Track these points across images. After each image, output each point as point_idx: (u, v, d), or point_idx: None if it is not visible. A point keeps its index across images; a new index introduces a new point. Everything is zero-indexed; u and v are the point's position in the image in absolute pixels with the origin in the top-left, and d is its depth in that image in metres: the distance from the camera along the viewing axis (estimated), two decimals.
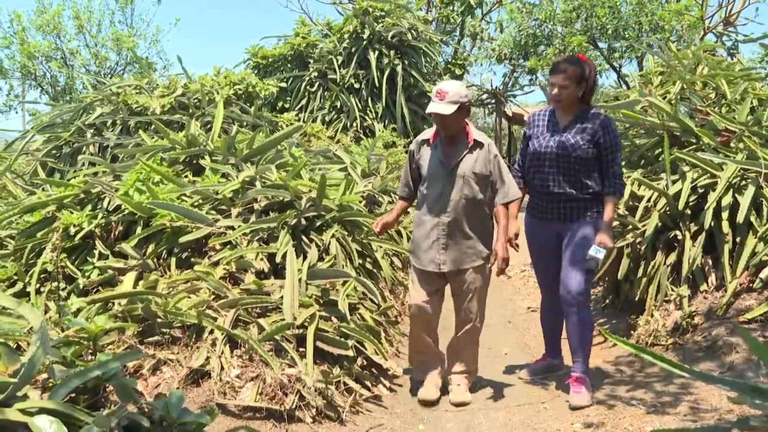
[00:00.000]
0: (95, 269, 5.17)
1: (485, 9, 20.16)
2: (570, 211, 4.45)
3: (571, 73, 4.29)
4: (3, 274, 5.15)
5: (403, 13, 13.91)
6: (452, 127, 4.39)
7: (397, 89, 12.90)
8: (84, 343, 3.29)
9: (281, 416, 3.80)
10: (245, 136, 7.48)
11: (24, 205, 5.97)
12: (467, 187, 4.39)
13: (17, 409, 2.26)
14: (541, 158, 4.48)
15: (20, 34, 22.11)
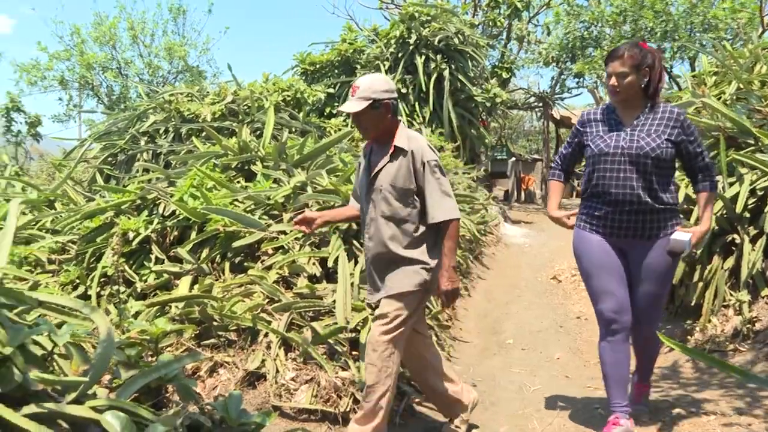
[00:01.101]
0: (152, 273, 5.30)
1: (532, 12, 20.07)
2: (643, 225, 3.65)
3: (630, 59, 3.58)
4: (66, 278, 5.32)
5: (450, 18, 13.93)
6: (368, 128, 3.62)
7: (444, 94, 12.93)
8: (145, 344, 3.39)
9: (336, 419, 3.87)
10: (295, 142, 7.57)
11: (84, 211, 6.15)
12: (384, 203, 3.58)
13: (89, 407, 2.36)
14: (609, 160, 3.69)
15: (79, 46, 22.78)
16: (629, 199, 3.64)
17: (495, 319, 6.71)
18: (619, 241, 3.75)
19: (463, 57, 13.70)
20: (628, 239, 3.72)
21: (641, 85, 3.65)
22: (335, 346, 4.30)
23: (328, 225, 4.49)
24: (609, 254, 3.77)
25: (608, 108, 3.85)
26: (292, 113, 10.69)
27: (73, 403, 2.35)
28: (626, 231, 3.70)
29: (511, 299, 7.62)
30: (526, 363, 5.38)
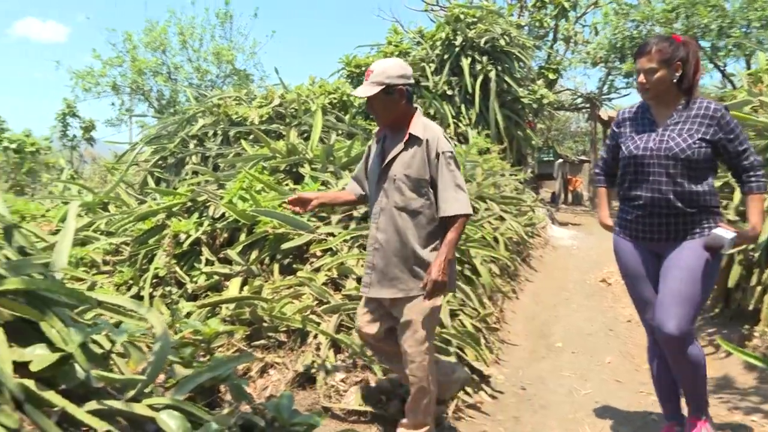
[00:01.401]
0: (202, 274, 5.38)
1: (579, 12, 19.87)
2: (675, 228, 3.42)
3: (658, 53, 3.33)
4: (120, 279, 5.44)
5: (496, 19, 13.87)
6: (381, 114, 3.50)
7: (491, 95, 12.86)
8: (198, 345, 3.44)
9: (385, 420, 3.87)
10: (342, 144, 7.62)
11: (137, 213, 6.27)
12: (397, 193, 3.43)
13: (146, 405, 2.41)
14: (638, 163, 3.47)
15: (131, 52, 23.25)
16: (659, 203, 3.42)
17: (543, 322, 6.65)
18: (651, 245, 3.54)
19: (510, 58, 13.61)
20: (660, 243, 3.49)
21: (673, 80, 3.38)
22: None
23: (324, 207, 4.39)
24: (642, 262, 3.59)
25: (643, 106, 3.61)
26: (338, 116, 10.74)
27: (131, 401, 2.41)
28: (658, 235, 3.47)
29: (560, 302, 7.54)
30: (576, 367, 5.32)
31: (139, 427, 2.46)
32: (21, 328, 2.40)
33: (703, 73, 3.88)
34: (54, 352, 2.33)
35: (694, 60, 3.41)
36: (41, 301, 2.49)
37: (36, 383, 2.25)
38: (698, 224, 3.39)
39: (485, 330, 5.44)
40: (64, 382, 2.33)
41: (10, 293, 2.39)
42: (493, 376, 4.80)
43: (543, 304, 7.42)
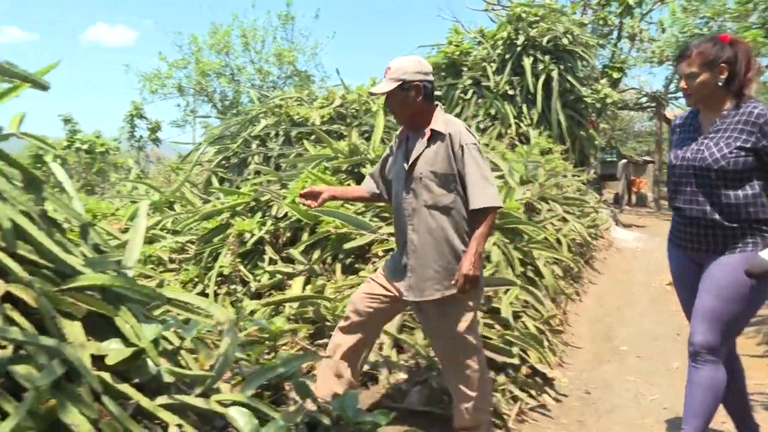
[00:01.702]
0: (265, 273, 5.45)
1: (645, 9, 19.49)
2: (714, 240, 3.23)
3: (699, 56, 3.13)
4: (186, 276, 5.54)
5: (558, 17, 13.70)
6: (399, 111, 3.44)
7: (553, 95, 12.72)
8: (264, 342, 3.49)
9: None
10: None
11: (202, 212, 6.38)
12: (426, 191, 3.34)
13: (215, 401, 2.46)
14: (676, 173, 3.35)
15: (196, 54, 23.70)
16: (696, 215, 3.26)
17: (608, 325, 6.56)
18: (693, 255, 3.39)
19: (572, 57, 13.44)
20: (700, 253, 3.32)
21: (718, 83, 3.14)
22: None
23: (335, 200, 4.26)
24: (685, 270, 3.49)
25: (693, 112, 3.41)
26: None
27: (201, 396, 2.45)
28: (698, 245, 3.30)
29: (624, 304, 7.42)
30: (642, 371, 5.23)
31: (208, 422, 2.51)
32: (97, 323, 2.47)
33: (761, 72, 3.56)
34: (127, 346, 2.39)
35: (745, 60, 3.15)
36: (115, 297, 2.55)
37: (112, 376, 2.31)
38: (740, 238, 3.17)
39: (548, 332, 5.39)
40: (138, 376, 2.39)
41: (87, 289, 2.46)
42: (557, 379, 4.75)
43: (607, 306, 7.31)
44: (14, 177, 2.63)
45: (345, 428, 2.71)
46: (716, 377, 3.22)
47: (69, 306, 2.38)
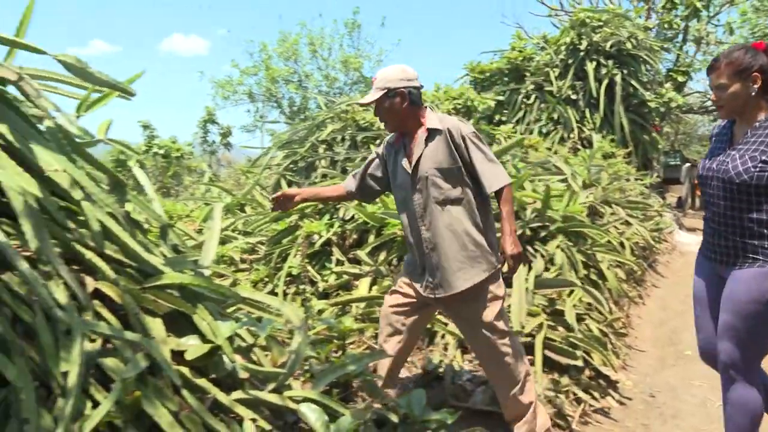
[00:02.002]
0: (333, 274, 5.49)
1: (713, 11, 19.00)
2: (735, 252, 3.04)
3: (728, 66, 2.91)
4: (256, 276, 5.62)
5: (622, 22, 13.49)
6: (388, 118, 3.40)
7: (616, 99, 12.52)
8: (333, 341, 3.52)
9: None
10: None
11: (272, 215, 6.46)
12: (434, 188, 3.33)
13: (287, 397, 2.49)
14: (704, 184, 3.18)
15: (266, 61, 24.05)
16: (719, 228, 3.08)
17: (671, 329, 6.41)
18: (717, 267, 3.19)
19: (636, 61, 13.20)
20: (721, 266, 3.13)
21: (751, 93, 2.90)
22: None
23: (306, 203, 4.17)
24: (705, 284, 3.30)
25: (730, 122, 3.17)
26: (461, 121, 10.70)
27: (273, 392, 2.49)
28: (721, 257, 3.12)
29: (688, 309, 7.15)
30: (708, 377, 5.04)
31: (280, 416, 2.54)
32: (176, 320, 2.52)
33: None
34: (205, 343, 2.44)
35: None
36: (193, 296, 2.61)
37: (190, 371, 2.37)
38: (759, 253, 2.95)
39: (612, 335, 5.30)
40: (214, 372, 2.44)
41: (167, 287, 2.52)
42: (620, 382, 4.66)
43: (671, 310, 7.15)
44: (101, 180, 2.71)
45: (411, 426, 2.71)
46: (746, 395, 3.06)
47: (151, 303, 2.44)
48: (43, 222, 2.28)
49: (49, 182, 2.40)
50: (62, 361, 2.11)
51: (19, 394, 2.04)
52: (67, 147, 2.59)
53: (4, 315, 2.17)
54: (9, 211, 2.27)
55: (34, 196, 2.28)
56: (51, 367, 2.12)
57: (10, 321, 2.17)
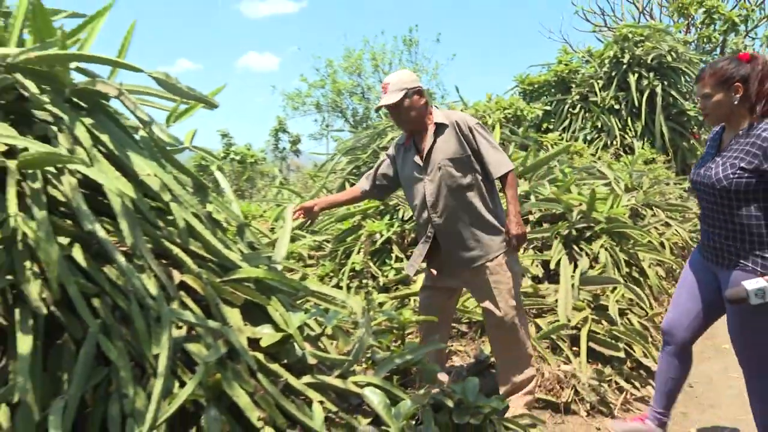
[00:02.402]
0: (392, 269, 5.48)
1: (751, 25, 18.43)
2: (723, 254, 2.97)
3: (712, 77, 2.84)
4: (323, 271, 5.66)
5: (663, 37, 13.17)
6: (410, 119, 3.40)
7: (657, 108, 12.24)
8: (393, 332, 3.51)
9: (558, 408, 3.79)
10: (518, 155, 7.53)
11: (337, 215, 6.49)
12: (447, 177, 3.36)
13: (352, 382, 2.49)
14: (695, 188, 3.10)
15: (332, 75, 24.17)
16: (709, 229, 3.03)
17: None
18: (708, 265, 3.13)
19: (676, 73, 12.88)
20: (714, 265, 3.07)
21: (734, 102, 2.82)
22: (557, 341, 4.23)
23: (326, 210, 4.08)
24: (694, 271, 3.25)
25: (721, 128, 3.07)
26: (512, 129, 10.61)
27: (339, 378, 2.50)
28: (712, 257, 3.06)
29: None
30: None
31: (345, 400, 2.55)
32: (252, 310, 2.55)
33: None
34: (277, 332, 2.46)
35: (758, 77, 2.80)
36: (267, 288, 2.63)
37: (264, 357, 2.39)
38: (743, 258, 2.88)
39: (652, 328, 5.16)
40: (286, 358, 2.46)
41: (244, 281, 2.55)
42: None
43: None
44: (186, 183, 2.76)
45: (465, 411, 2.69)
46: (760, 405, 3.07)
47: (229, 295, 2.47)
48: (137, 221, 2.33)
49: (142, 185, 2.46)
50: (153, 345, 2.16)
51: (119, 372, 2.10)
52: (158, 154, 2.64)
53: (106, 303, 2.23)
54: (109, 211, 2.32)
55: (130, 197, 2.34)
56: (144, 350, 2.17)
57: (111, 308, 2.23)
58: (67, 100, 2.53)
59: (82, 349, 2.10)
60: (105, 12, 2.97)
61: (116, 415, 2.06)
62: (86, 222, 2.18)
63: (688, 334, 3.29)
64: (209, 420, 2.12)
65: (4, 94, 2.47)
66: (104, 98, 2.61)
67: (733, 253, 2.91)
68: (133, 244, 2.25)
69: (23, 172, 2.24)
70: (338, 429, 2.38)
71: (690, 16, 16.94)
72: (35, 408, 1.95)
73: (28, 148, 2.22)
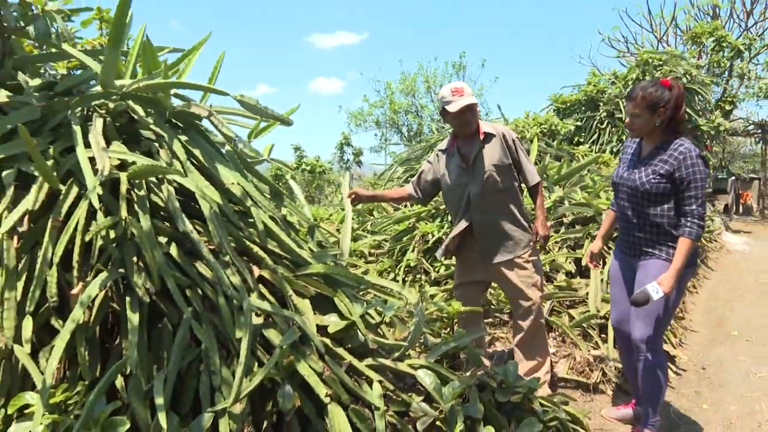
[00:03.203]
0: (443, 266, 5.38)
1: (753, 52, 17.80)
2: (640, 247, 3.01)
3: (642, 100, 2.88)
4: (381, 267, 5.59)
5: (679, 62, 12.80)
6: (471, 122, 3.30)
7: None
8: (443, 320, 3.42)
9: (588, 388, 3.66)
10: (553, 165, 7.35)
11: (394, 217, 6.43)
12: (491, 180, 3.29)
13: (407, 364, 2.42)
14: (616, 189, 3.14)
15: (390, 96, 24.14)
16: (627, 225, 3.05)
17: (720, 315, 5.96)
18: (627, 259, 3.12)
19: (690, 93, 12.48)
20: (632, 258, 3.07)
21: (656, 124, 2.89)
22: (588, 329, 4.07)
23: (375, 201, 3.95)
24: (618, 268, 3.21)
25: (640, 139, 3.09)
26: (547, 142, 10.39)
27: (396, 360, 2.42)
28: (630, 250, 3.07)
29: (734, 298, 6.72)
30: (751, 353, 4.69)
31: (401, 380, 2.48)
32: (320, 301, 2.50)
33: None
34: (342, 320, 2.40)
35: (676, 103, 2.86)
36: (334, 282, 2.58)
37: (331, 341, 2.34)
38: (656, 247, 2.94)
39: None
40: (350, 343, 2.40)
41: (313, 275, 2.51)
42: (677, 357, 4.41)
43: (719, 299, 6.67)
44: (264, 191, 2.73)
45: (506, 390, 2.59)
46: (657, 361, 2.99)
47: (301, 287, 2.43)
48: (223, 223, 2.32)
49: (227, 192, 2.45)
50: (237, 330, 2.14)
51: (208, 352, 2.10)
52: (241, 165, 2.63)
53: (197, 294, 2.22)
54: (200, 214, 2.34)
55: (217, 203, 2.33)
56: (229, 334, 2.16)
57: (201, 298, 2.22)
58: (167, 121, 2.55)
59: (178, 333, 2.11)
60: (200, 46, 2.99)
61: (206, 389, 2.07)
62: (181, 224, 2.18)
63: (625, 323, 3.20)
64: (284, 395, 2.08)
65: (118, 118, 2.52)
66: (197, 118, 2.62)
67: (648, 245, 2.97)
68: (219, 243, 2.24)
69: (131, 181, 2.26)
70: (394, 405, 2.31)
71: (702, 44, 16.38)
72: (143, 379, 2.00)
73: (136, 161, 2.24)
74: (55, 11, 2.66)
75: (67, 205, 2.17)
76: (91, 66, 2.48)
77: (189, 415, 2.07)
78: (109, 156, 2.21)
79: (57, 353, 1.88)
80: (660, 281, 2.79)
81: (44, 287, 2.05)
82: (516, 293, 3.39)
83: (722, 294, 6.91)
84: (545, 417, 2.62)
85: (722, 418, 3.53)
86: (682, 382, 4.10)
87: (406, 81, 24.09)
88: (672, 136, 2.89)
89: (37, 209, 2.13)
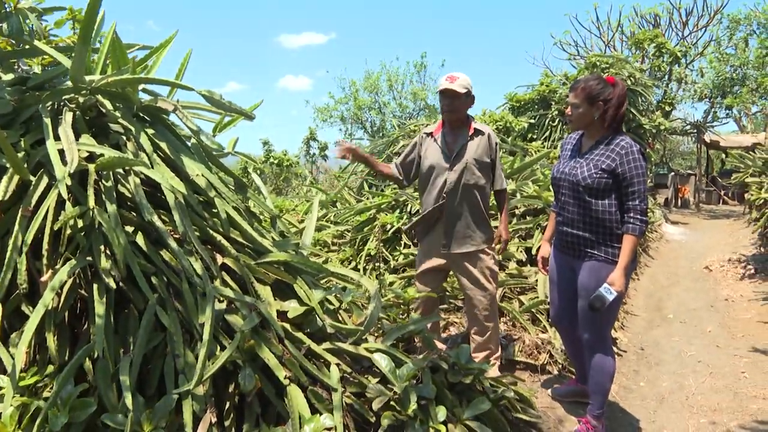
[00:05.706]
0: (401, 254, 5.42)
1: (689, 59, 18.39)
2: (582, 247, 2.86)
3: (582, 92, 2.78)
4: (343, 256, 5.60)
5: (624, 65, 13.11)
6: (460, 110, 3.29)
7: None
8: (400, 306, 3.45)
9: (535, 368, 3.74)
10: (506, 159, 7.43)
11: (355, 209, 6.43)
12: (469, 173, 3.28)
13: (364, 348, 2.44)
14: (556, 185, 3.00)
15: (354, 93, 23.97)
16: (567, 222, 2.91)
17: (658, 299, 6.16)
18: (565, 257, 3.00)
19: (634, 94, 12.77)
20: (570, 258, 2.95)
21: (594, 117, 2.78)
22: (536, 314, 4.16)
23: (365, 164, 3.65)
24: (556, 267, 3.11)
25: (579, 134, 2.98)
26: (502, 138, 10.50)
27: (353, 344, 2.44)
28: (568, 250, 2.94)
29: (671, 283, 6.95)
30: (684, 334, 4.89)
31: (358, 362, 2.49)
32: (281, 288, 2.51)
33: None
34: (302, 306, 2.41)
35: (618, 101, 2.77)
36: (294, 270, 2.58)
37: (291, 326, 2.35)
38: (600, 246, 2.79)
39: None
40: (308, 328, 2.41)
41: (274, 263, 2.51)
42: (619, 339, 4.56)
43: (658, 284, 6.89)
44: (229, 183, 2.72)
45: (458, 372, 2.64)
46: (604, 360, 2.91)
47: (262, 275, 2.43)
48: (187, 213, 2.30)
49: (192, 184, 2.43)
50: (200, 315, 2.14)
51: (172, 337, 2.10)
52: (206, 158, 2.61)
53: (162, 280, 2.20)
54: (165, 204, 2.32)
55: (182, 194, 2.31)
56: (192, 319, 2.15)
57: (166, 285, 2.21)
58: (134, 115, 2.52)
59: (144, 318, 2.10)
60: (167, 44, 2.95)
61: (170, 371, 2.07)
62: (147, 213, 2.17)
63: (570, 320, 3.10)
64: (245, 377, 2.09)
65: (88, 111, 2.48)
66: (164, 113, 2.59)
67: (588, 245, 2.83)
68: (184, 232, 2.22)
69: (99, 173, 2.23)
70: (351, 386, 2.33)
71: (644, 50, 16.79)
72: (110, 362, 2.00)
73: (104, 153, 2.21)
74: (28, 9, 2.61)
75: (37, 195, 2.15)
76: (62, 62, 2.44)
77: (154, 397, 2.07)
78: (78, 148, 2.18)
79: (27, 337, 1.87)
80: (611, 281, 2.69)
81: (14, 274, 2.02)
82: (474, 283, 3.39)
83: (661, 280, 7.12)
84: (494, 396, 2.68)
85: (656, 394, 3.67)
86: (622, 362, 4.21)
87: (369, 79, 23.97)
88: (613, 132, 2.79)
89: (7, 199, 2.11)
